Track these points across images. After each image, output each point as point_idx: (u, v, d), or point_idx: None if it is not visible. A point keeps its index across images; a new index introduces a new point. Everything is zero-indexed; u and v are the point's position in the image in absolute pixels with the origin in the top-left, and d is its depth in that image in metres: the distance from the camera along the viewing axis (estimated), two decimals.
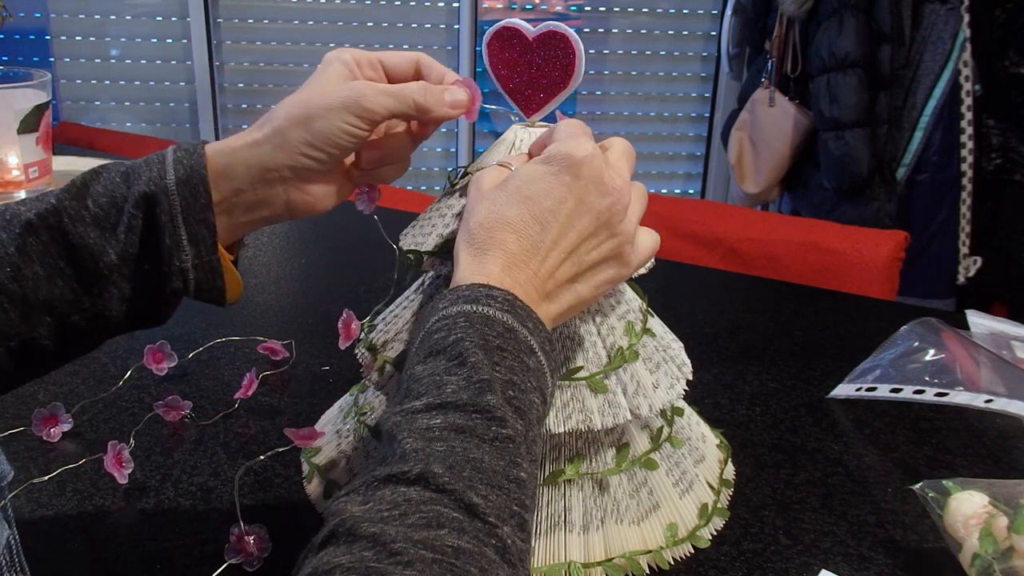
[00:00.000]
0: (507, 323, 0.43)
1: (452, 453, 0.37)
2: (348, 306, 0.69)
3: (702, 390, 0.83)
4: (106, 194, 0.48)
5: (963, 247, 1.91)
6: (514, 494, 0.38)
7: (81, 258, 0.47)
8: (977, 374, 0.83)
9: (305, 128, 0.50)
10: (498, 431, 0.39)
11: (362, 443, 0.64)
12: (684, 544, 0.61)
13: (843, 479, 0.70)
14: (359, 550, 0.33)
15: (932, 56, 1.82)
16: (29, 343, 0.47)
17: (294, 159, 0.50)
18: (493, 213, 0.48)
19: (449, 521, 0.35)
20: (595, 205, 0.48)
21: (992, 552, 0.56)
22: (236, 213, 0.51)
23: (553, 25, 0.56)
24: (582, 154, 0.48)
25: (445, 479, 0.36)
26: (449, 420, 0.39)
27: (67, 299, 0.47)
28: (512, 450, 0.39)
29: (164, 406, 0.74)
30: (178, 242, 0.48)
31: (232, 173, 0.49)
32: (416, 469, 0.36)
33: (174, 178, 0.48)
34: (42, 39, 2.56)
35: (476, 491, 0.36)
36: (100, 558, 0.58)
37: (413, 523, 0.34)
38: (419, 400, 0.40)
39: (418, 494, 0.36)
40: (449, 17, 2.58)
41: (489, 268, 0.46)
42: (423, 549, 0.33)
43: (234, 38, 2.58)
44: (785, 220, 1.47)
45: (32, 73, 1.17)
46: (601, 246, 0.49)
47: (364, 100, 0.50)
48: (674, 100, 2.72)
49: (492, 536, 0.35)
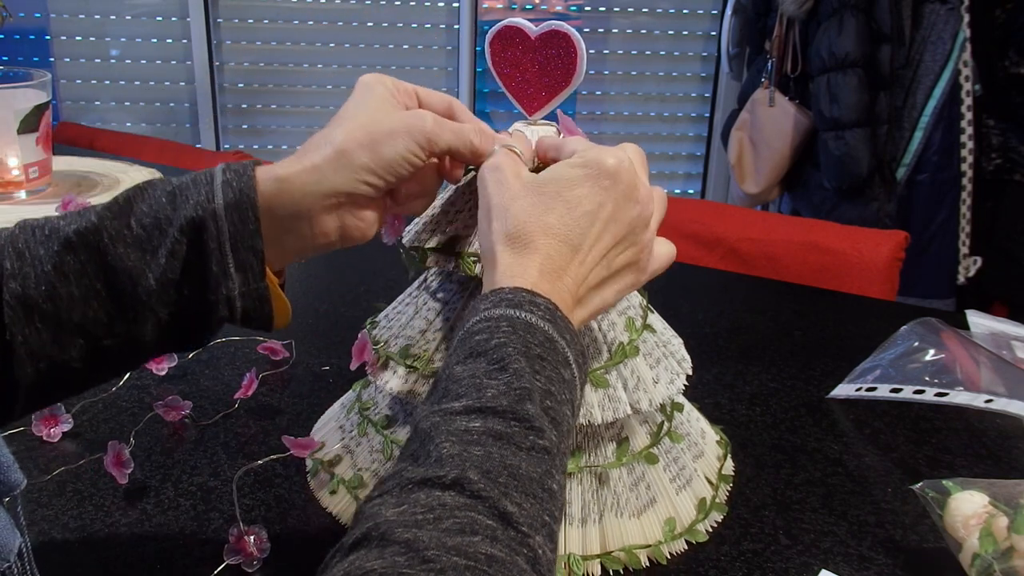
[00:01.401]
0: (548, 333, 0.44)
1: (489, 459, 0.37)
2: (348, 306, 0.69)
3: (702, 390, 0.83)
4: (150, 214, 0.46)
5: (963, 247, 1.91)
6: (547, 504, 0.38)
7: (119, 281, 0.45)
8: (977, 374, 0.83)
9: (370, 152, 0.48)
10: (535, 441, 0.39)
11: (366, 438, 0.64)
12: (682, 539, 0.61)
13: (843, 479, 0.70)
14: (391, 555, 0.33)
15: (932, 56, 1.82)
16: (59, 365, 0.46)
17: (353, 184, 0.48)
18: (534, 217, 0.48)
19: (483, 528, 0.35)
20: (626, 214, 0.49)
21: (992, 552, 0.56)
22: (287, 240, 0.49)
23: (555, 24, 0.56)
24: (616, 162, 0.49)
25: (480, 485, 0.36)
26: (488, 425, 0.39)
27: (101, 322, 0.46)
28: (548, 461, 0.39)
29: (164, 406, 0.74)
30: (225, 270, 0.46)
31: (287, 199, 0.47)
32: (452, 474, 0.36)
33: (223, 203, 0.46)
34: (42, 39, 2.56)
35: (511, 499, 0.36)
36: (100, 558, 0.58)
37: (447, 528, 0.34)
38: (458, 401, 0.40)
39: (453, 499, 0.35)
40: (449, 17, 2.59)
41: (530, 271, 0.46)
42: (456, 556, 0.33)
43: (234, 38, 2.58)
44: (785, 220, 1.47)
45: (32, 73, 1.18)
46: (625, 252, 0.50)
47: (429, 132, 0.49)
48: (674, 100, 2.72)
49: (524, 545, 0.35)
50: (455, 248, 0.57)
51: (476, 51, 2.60)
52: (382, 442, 0.62)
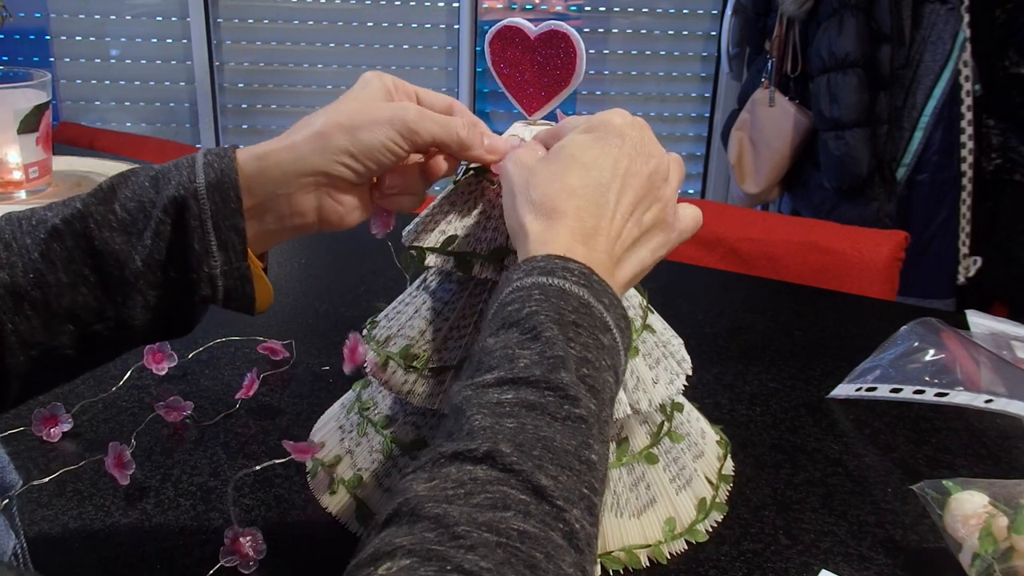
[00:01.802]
0: (583, 298, 0.43)
1: (522, 431, 0.36)
2: (348, 306, 0.69)
3: (702, 390, 0.83)
4: (134, 199, 0.47)
5: (963, 247, 1.91)
6: (584, 476, 0.37)
7: (106, 264, 0.46)
8: (977, 374, 0.83)
9: (349, 136, 0.49)
10: (571, 410, 0.38)
11: (366, 438, 0.64)
12: (682, 539, 0.61)
13: (843, 479, 0.70)
14: (421, 531, 0.32)
15: (932, 56, 1.82)
16: (51, 351, 0.46)
17: (331, 166, 0.49)
18: (555, 182, 0.48)
19: (516, 503, 0.34)
20: (643, 168, 0.50)
21: (992, 552, 0.55)
22: (267, 219, 0.50)
23: (555, 24, 0.57)
24: (622, 120, 0.50)
25: (513, 458, 0.35)
26: (521, 396, 0.38)
27: (90, 307, 0.46)
28: (584, 430, 0.38)
29: (165, 407, 0.74)
30: (207, 248, 0.47)
31: (266, 177, 0.48)
32: (484, 447, 0.35)
33: (204, 182, 0.47)
34: (42, 39, 2.56)
35: (546, 471, 0.35)
36: (100, 558, 0.58)
37: (478, 503, 0.33)
38: (491, 373, 0.39)
39: (485, 473, 0.35)
40: (449, 17, 2.58)
41: (561, 237, 0.46)
42: (487, 532, 0.32)
43: (234, 38, 2.58)
44: (785, 220, 1.47)
45: (32, 73, 1.17)
46: (651, 209, 0.50)
47: (412, 121, 0.50)
48: (674, 100, 2.72)
49: (560, 520, 0.34)
50: (453, 248, 0.57)
51: (476, 51, 2.60)
52: (382, 442, 0.62)
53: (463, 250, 0.57)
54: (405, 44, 2.62)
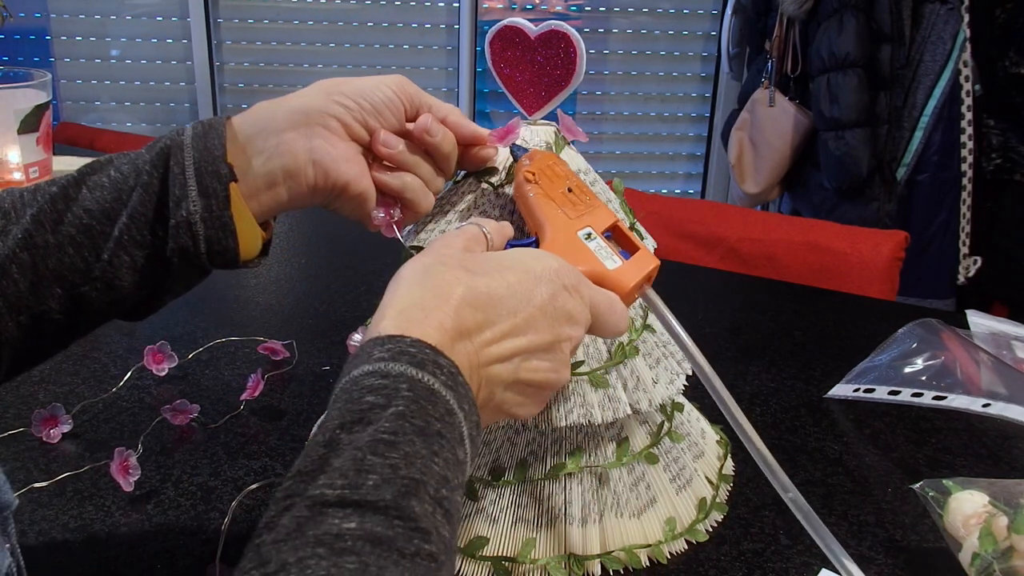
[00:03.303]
0: (449, 404, 0.38)
1: (365, 573, 0.30)
2: (348, 306, 0.69)
3: (702, 390, 0.83)
4: (128, 162, 0.48)
5: (963, 247, 1.91)
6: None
7: (94, 223, 0.46)
8: (977, 375, 0.83)
9: (350, 87, 0.51)
10: (420, 545, 0.32)
11: None
12: (682, 539, 0.61)
13: (843, 479, 0.70)
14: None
15: (932, 56, 1.82)
16: (39, 316, 0.46)
17: (325, 103, 0.50)
18: (460, 276, 0.42)
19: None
20: (550, 325, 0.44)
21: (992, 552, 0.56)
22: (257, 164, 0.48)
23: (555, 24, 0.57)
24: (557, 267, 0.45)
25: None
26: (366, 527, 0.32)
27: (77, 268, 0.46)
28: (434, 570, 0.32)
29: (172, 410, 0.74)
30: (186, 193, 0.46)
31: (255, 116, 0.50)
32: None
33: (191, 134, 0.47)
34: (42, 39, 2.56)
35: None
36: (100, 558, 0.58)
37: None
38: (332, 487, 0.33)
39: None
40: (449, 17, 2.58)
41: (435, 322, 0.40)
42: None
43: (234, 38, 2.58)
44: (785, 220, 1.47)
45: (32, 73, 1.17)
46: (536, 371, 0.44)
47: (408, 85, 0.53)
48: (674, 100, 2.72)
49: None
50: None
51: (476, 51, 2.60)
52: None
53: None
54: (405, 44, 2.62)
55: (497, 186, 0.57)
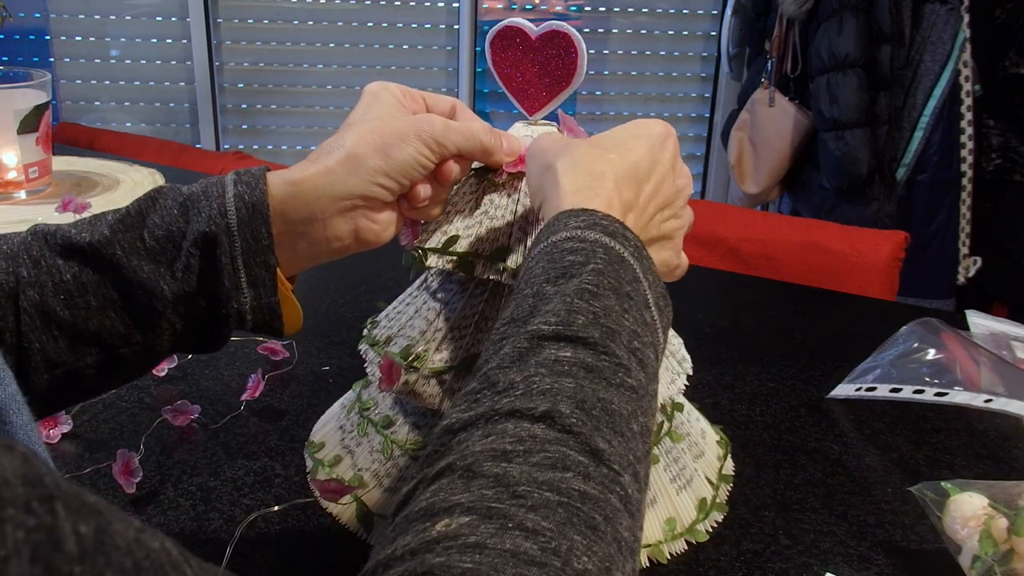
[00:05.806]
0: (635, 272, 0.42)
1: (581, 391, 0.36)
2: (348, 306, 0.69)
3: (702, 390, 0.83)
4: (163, 227, 0.47)
5: (963, 247, 1.91)
6: (632, 444, 0.36)
7: (134, 293, 0.46)
8: (977, 374, 0.83)
9: (381, 155, 0.49)
10: (624, 378, 0.37)
11: (366, 438, 0.64)
12: (682, 539, 0.61)
13: (843, 479, 0.70)
14: (479, 488, 0.32)
15: (932, 56, 1.82)
16: (74, 372, 0.46)
17: (367, 187, 0.49)
18: (595, 152, 0.47)
19: (575, 464, 0.33)
20: (674, 181, 0.50)
21: (992, 554, 0.55)
22: (300, 246, 0.50)
23: (555, 24, 0.57)
24: (664, 129, 0.50)
25: (572, 420, 0.34)
26: (579, 356, 0.37)
27: (118, 332, 0.46)
28: (635, 400, 0.37)
29: (173, 411, 0.74)
30: (237, 284, 0.47)
31: (300, 202, 0.48)
32: (543, 407, 0.35)
33: (236, 218, 0.46)
34: (42, 39, 2.56)
35: (602, 435, 0.35)
36: None
37: (537, 463, 0.33)
38: (547, 324, 0.38)
39: (543, 432, 0.34)
40: (449, 17, 2.58)
41: (601, 199, 0.44)
42: (548, 491, 0.32)
43: (234, 38, 2.58)
44: (785, 220, 1.47)
45: (32, 73, 1.18)
46: (670, 221, 0.50)
47: (439, 135, 0.50)
48: (674, 100, 2.72)
49: (616, 484, 0.34)
50: (455, 248, 0.57)
51: (476, 51, 2.60)
52: (382, 442, 0.62)
53: (465, 251, 0.57)
54: (405, 44, 2.62)
55: (499, 184, 0.58)
